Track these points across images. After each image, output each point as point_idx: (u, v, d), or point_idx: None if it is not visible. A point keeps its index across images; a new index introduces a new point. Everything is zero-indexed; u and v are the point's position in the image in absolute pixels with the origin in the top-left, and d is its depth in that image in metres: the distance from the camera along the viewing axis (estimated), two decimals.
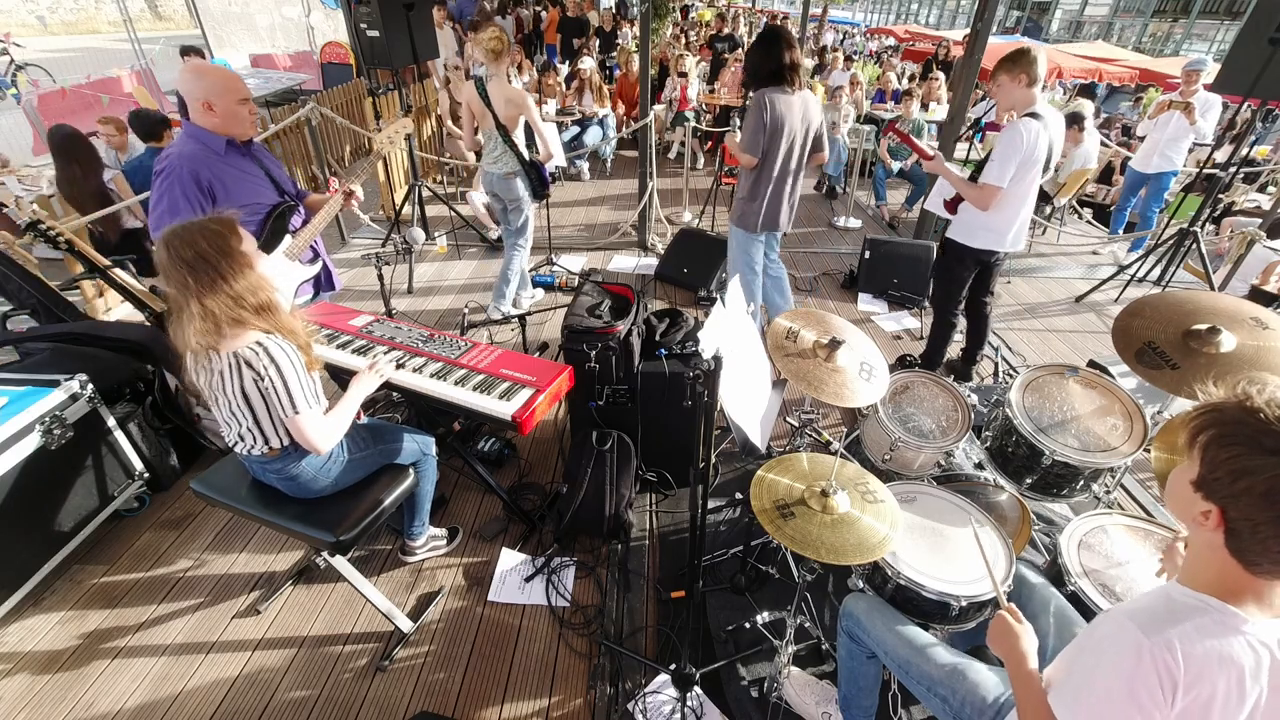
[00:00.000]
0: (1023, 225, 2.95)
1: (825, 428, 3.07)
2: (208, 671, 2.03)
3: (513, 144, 3.50)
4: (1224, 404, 0.89)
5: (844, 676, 1.68)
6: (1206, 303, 1.92)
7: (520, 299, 4.16)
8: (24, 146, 7.23)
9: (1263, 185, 6.70)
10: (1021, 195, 2.84)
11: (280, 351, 1.59)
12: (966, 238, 3.02)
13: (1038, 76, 2.65)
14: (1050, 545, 2.16)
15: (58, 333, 2.66)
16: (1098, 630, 0.98)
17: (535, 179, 3.68)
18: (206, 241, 1.51)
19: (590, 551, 2.46)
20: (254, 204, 2.22)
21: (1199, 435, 0.90)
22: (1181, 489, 0.92)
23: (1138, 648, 0.87)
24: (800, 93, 2.93)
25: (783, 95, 2.89)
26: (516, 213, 3.75)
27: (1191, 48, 19.44)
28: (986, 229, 2.95)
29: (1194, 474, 0.89)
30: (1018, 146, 2.65)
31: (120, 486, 2.49)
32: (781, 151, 2.98)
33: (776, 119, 2.89)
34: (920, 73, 10.33)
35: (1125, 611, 0.94)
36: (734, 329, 1.73)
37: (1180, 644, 0.85)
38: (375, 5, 4.13)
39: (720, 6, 19.12)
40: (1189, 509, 0.91)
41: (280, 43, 12.74)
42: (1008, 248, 2.99)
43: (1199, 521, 0.89)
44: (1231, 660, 0.85)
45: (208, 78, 2.10)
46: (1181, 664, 0.84)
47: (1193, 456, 0.90)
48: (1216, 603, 0.89)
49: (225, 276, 1.52)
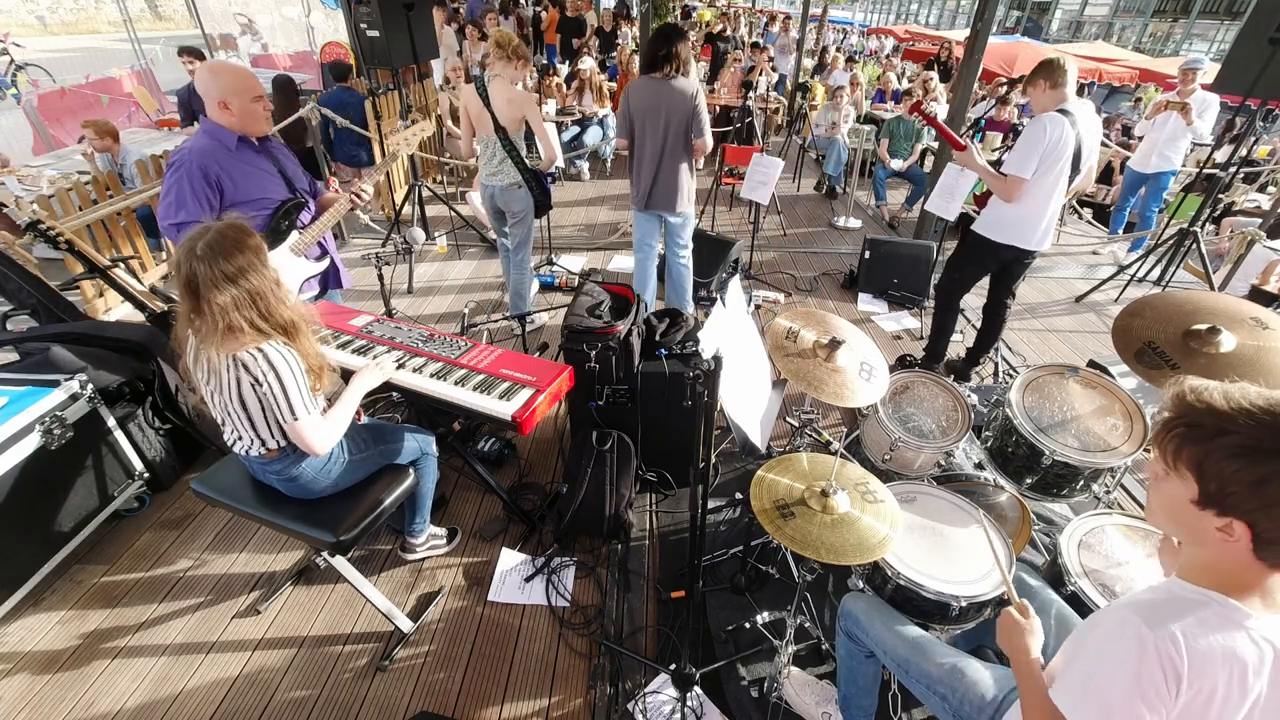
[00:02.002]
0: (1050, 223, 2.95)
1: (825, 428, 3.07)
2: (208, 671, 2.03)
3: (513, 150, 3.30)
4: (1192, 416, 0.87)
5: (843, 676, 1.68)
6: (1206, 303, 1.92)
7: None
8: (24, 146, 7.23)
9: (1263, 185, 6.71)
10: (1048, 191, 2.85)
11: (279, 357, 1.59)
12: (992, 231, 3.02)
13: (1060, 80, 2.72)
14: (1050, 545, 2.16)
15: (58, 333, 2.66)
16: (1100, 623, 0.97)
17: (538, 191, 3.45)
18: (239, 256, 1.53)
19: (590, 551, 2.46)
20: (262, 199, 2.26)
21: (1181, 452, 0.88)
22: (1180, 510, 0.90)
23: (1141, 640, 0.86)
24: (671, 80, 3.08)
25: (645, 82, 3.14)
26: (519, 226, 3.51)
27: (1191, 48, 19.44)
28: (1014, 224, 2.95)
29: (1193, 493, 0.87)
30: (1039, 138, 2.70)
31: (120, 486, 2.49)
32: (643, 133, 3.23)
33: (634, 103, 3.19)
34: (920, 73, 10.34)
35: (1128, 604, 0.93)
36: (734, 329, 1.73)
37: (1184, 637, 0.84)
38: (375, 5, 4.12)
39: (720, 6, 19.13)
40: (1197, 527, 0.88)
41: (280, 43, 12.75)
42: (1034, 245, 2.98)
43: (1221, 539, 0.86)
44: (1235, 655, 0.84)
45: (223, 77, 2.14)
46: (1185, 657, 0.84)
47: (1182, 475, 0.88)
48: (1220, 597, 0.88)
49: (262, 295, 1.57)
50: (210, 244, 1.51)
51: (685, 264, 3.67)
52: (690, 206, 3.48)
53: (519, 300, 3.78)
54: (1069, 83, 2.72)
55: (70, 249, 2.83)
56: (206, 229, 1.54)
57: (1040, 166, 2.74)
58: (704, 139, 3.19)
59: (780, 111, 8.64)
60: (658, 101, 3.11)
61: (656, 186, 3.33)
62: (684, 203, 3.41)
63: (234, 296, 1.52)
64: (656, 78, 3.09)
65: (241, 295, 1.53)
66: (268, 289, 1.58)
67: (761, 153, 4.56)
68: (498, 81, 3.23)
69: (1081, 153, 2.80)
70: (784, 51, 10.33)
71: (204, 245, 1.50)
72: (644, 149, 3.26)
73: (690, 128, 3.16)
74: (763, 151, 4.70)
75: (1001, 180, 2.83)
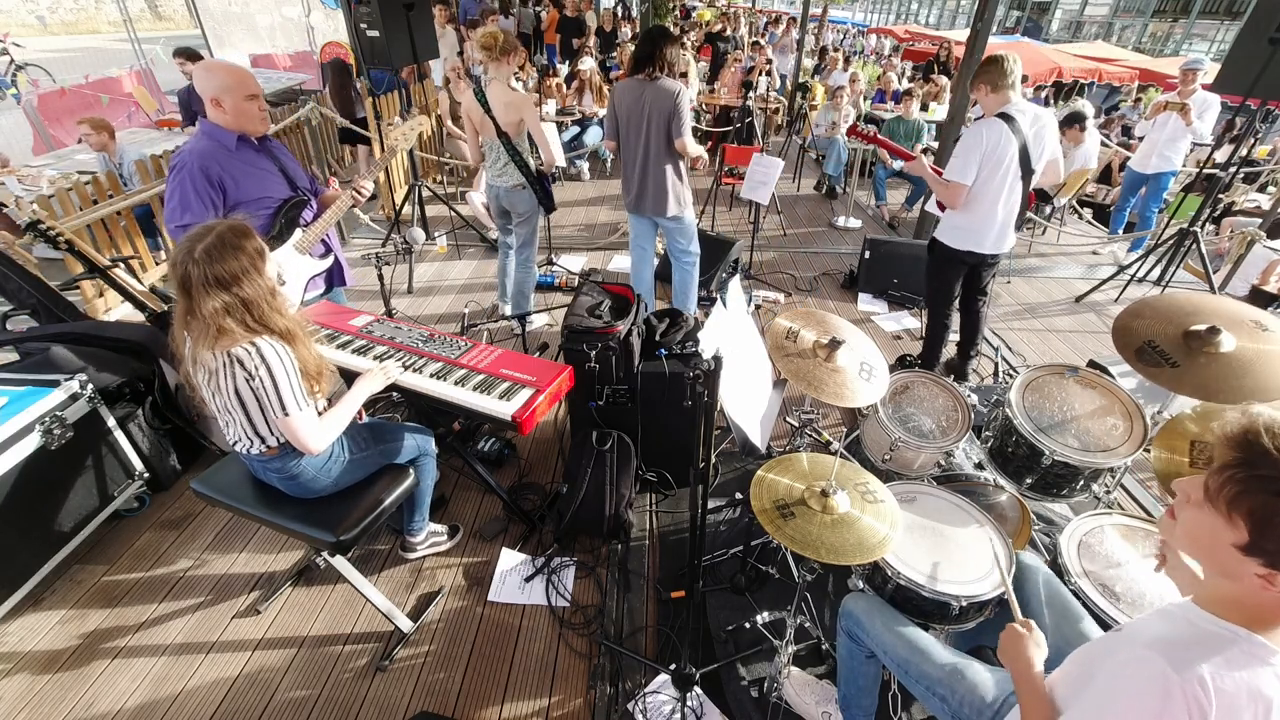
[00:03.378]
0: (1003, 228, 2.94)
1: (825, 428, 3.07)
2: (208, 671, 2.03)
3: (516, 153, 3.33)
4: (1265, 465, 0.79)
5: (844, 676, 1.68)
6: (1207, 304, 1.92)
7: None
8: (24, 146, 7.23)
9: (1263, 185, 6.71)
10: (994, 196, 2.83)
11: (272, 352, 1.59)
12: (950, 238, 3.04)
13: (1000, 83, 2.69)
14: (1050, 545, 2.16)
15: (58, 333, 2.66)
16: (1115, 657, 0.93)
17: (541, 192, 3.49)
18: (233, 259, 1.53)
19: (590, 551, 2.46)
20: (264, 199, 2.26)
21: (1240, 501, 0.81)
22: (1215, 547, 0.86)
23: (1166, 683, 0.82)
24: (655, 81, 3.06)
25: (630, 83, 3.14)
26: (525, 225, 3.57)
27: (1191, 48, 19.44)
28: (967, 230, 2.96)
29: (1240, 540, 0.82)
30: (976, 144, 2.72)
31: (120, 486, 2.49)
32: (628, 135, 3.22)
33: (619, 105, 3.20)
34: (922, 74, 10.35)
35: (1147, 641, 0.89)
36: (734, 329, 1.73)
37: (1212, 680, 0.81)
38: (375, 5, 4.12)
39: (720, 6, 19.13)
40: (1234, 568, 0.85)
41: (280, 43, 12.74)
42: (988, 250, 2.98)
43: (1261, 586, 0.82)
44: (1260, 694, 0.82)
45: (217, 75, 2.14)
46: (1214, 700, 0.81)
47: (1232, 520, 0.82)
48: (1244, 633, 0.85)
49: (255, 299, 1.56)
50: (207, 247, 1.50)
51: (691, 269, 3.61)
52: (684, 209, 3.40)
53: (521, 299, 3.79)
54: (1012, 84, 2.69)
55: (70, 249, 2.83)
56: (209, 229, 1.54)
57: (981, 173, 2.75)
58: (683, 139, 3.12)
59: (780, 111, 8.64)
60: (641, 103, 3.09)
61: (645, 189, 3.30)
62: (674, 206, 3.33)
63: (225, 303, 1.52)
64: (640, 79, 3.08)
65: (233, 301, 1.53)
66: (261, 297, 1.57)
67: (761, 153, 4.56)
68: (495, 84, 3.27)
69: (1029, 153, 2.77)
70: (784, 51, 10.34)
71: (201, 248, 1.50)
72: (630, 151, 3.25)
73: (671, 128, 3.12)
74: (763, 151, 4.70)
75: (944, 186, 2.84)
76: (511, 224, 3.66)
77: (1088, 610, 1.51)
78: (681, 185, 3.34)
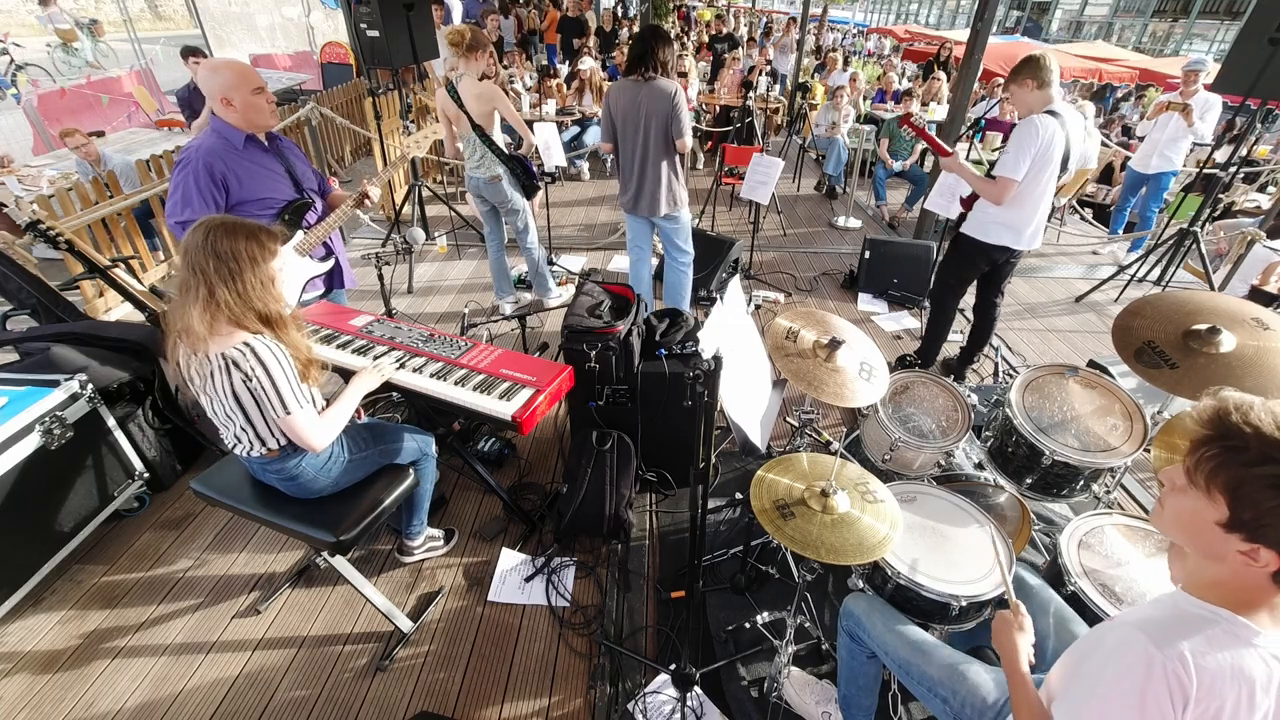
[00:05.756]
0: (1040, 224, 2.94)
1: (825, 428, 3.07)
2: (208, 671, 2.03)
3: (491, 143, 3.40)
4: (1234, 437, 0.82)
5: (844, 676, 1.68)
6: (1207, 303, 1.92)
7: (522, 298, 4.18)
8: (24, 146, 7.23)
9: (1263, 185, 6.70)
10: (1039, 193, 2.82)
11: (267, 352, 1.59)
12: (981, 234, 3.00)
13: (1046, 79, 2.66)
14: (1050, 545, 2.16)
15: (58, 333, 2.66)
16: (1104, 639, 0.95)
17: (522, 174, 3.54)
18: (243, 242, 1.55)
19: (590, 551, 2.46)
20: (267, 198, 2.27)
21: (1217, 475, 0.83)
22: (1199, 527, 0.87)
23: (1148, 659, 0.84)
24: (650, 81, 3.04)
25: (625, 84, 3.12)
26: (512, 214, 3.68)
27: (1191, 48, 19.43)
28: (1004, 225, 2.93)
29: (1221, 516, 0.84)
30: (1032, 139, 2.66)
31: (120, 486, 2.49)
32: (624, 136, 3.21)
33: (614, 106, 3.17)
34: (922, 74, 10.36)
35: (1133, 622, 0.91)
36: (734, 329, 1.73)
37: (1193, 657, 0.83)
38: (375, 5, 4.12)
39: (719, 6, 19.13)
40: (1217, 546, 0.86)
41: (280, 43, 12.74)
42: (1024, 245, 2.97)
43: (1244, 562, 0.84)
44: (1243, 673, 0.83)
45: (222, 73, 2.15)
46: (1194, 677, 0.82)
47: (1213, 496, 0.84)
48: (1228, 614, 0.86)
49: (244, 277, 1.56)
50: (221, 223, 1.55)
51: (684, 270, 3.62)
52: (680, 210, 3.40)
53: (540, 279, 3.99)
54: (1054, 82, 2.68)
55: (70, 249, 2.83)
56: (228, 218, 1.59)
57: (1032, 169, 2.71)
58: (684, 139, 3.13)
59: (780, 111, 8.64)
60: (636, 104, 3.08)
61: (641, 189, 3.29)
62: (670, 206, 3.33)
63: (215, 266, 1.52)
64: (635, 79, 3.06)
65: (224, 269, 1.53)
66: (255, 278, 1.58)
67: (761, 153, 4.56)
68: (465, 80, 3.33)
69: (1070, 154, 2.77)
70: (784, 51, 10.33)
71: (217, 225, 1.55)
72: (626, 152, 3.24)
73: (670, 129, 3.12)
74: (763, 151, 4.70)
75: (990, 184, 2.80)
76: (503, 218, 3.77)
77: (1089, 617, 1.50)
78: (678, 185, 3.35)
